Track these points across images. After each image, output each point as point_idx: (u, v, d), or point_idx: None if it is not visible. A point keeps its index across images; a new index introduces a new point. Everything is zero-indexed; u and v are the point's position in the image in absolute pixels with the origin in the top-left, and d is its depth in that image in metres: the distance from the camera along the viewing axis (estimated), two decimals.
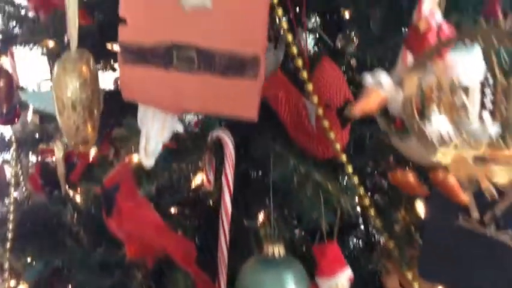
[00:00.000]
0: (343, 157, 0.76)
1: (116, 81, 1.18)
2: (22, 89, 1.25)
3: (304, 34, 0.80)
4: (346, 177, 0.71)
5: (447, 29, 0.48)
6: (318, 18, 1.04)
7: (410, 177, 0.52)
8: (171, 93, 0.63)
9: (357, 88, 0.85)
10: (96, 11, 0.87)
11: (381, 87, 0.45)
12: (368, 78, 0.46)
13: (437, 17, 0.49)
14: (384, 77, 0.45)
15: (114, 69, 1.14)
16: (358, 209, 0.78)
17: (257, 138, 0.75)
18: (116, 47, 1.05)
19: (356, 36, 0.94)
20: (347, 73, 0.98)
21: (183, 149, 0.79)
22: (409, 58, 0.56)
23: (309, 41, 1.02)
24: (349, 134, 0.80)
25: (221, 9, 0.59)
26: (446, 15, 0.49)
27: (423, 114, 0.44)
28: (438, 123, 0.43)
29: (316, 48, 1.03)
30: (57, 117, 0.79)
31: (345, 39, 1.02)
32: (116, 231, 0.77)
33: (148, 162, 0.72)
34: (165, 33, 0.61)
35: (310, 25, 1.04)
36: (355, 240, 0.95)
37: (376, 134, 0.88)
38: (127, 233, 0.75)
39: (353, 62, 1.03)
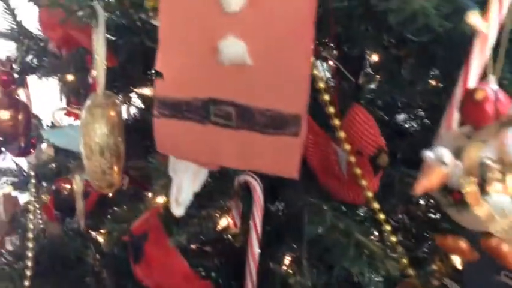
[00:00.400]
0: (375, 205, 0.75)
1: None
2: (37, 118, 1.25)
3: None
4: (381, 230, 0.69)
5: (505, 99, 0.46)
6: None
7: (463, 243, 0.51)
8: (207, 149, 0.61)
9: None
10: (120, 52, 0.86)
11: (443, 164, 0.43)
12: (429, 155, 0.45)
13: (492, 85, 0.48)
14: (446, 154, 0.44)
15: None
16: None
17: (288, 185, 0.74)
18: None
19: (381, 76, 0.93)
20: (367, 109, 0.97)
21: (210, 194, 0.78)
22: (455, 119, 0.54)
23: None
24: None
25: (261, 66, 0.57)
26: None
27: (484, 188, 0.43)
28: (500, 198, 0.42)
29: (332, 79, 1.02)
30: (84, 161, 0.78)
31: (367, 76, 1.01)
32: (143, 279, 0.75)
33: (179, 212, 0.70)
34: (202, 88, 0.60)
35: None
36: None
37: (405, 177, 0.87)
38: (155, 281, 0.74)
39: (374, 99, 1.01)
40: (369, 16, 0.82)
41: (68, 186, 1.11)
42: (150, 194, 0.85)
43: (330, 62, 0.94)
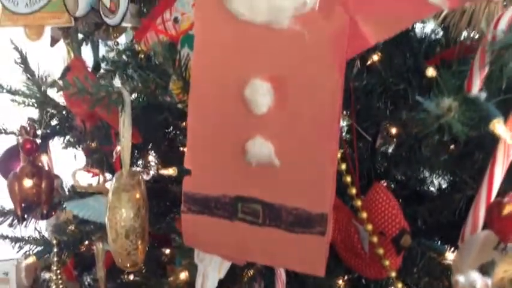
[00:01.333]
0: (399, 285, 0.75)
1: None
2: (58, 178, 1.27)
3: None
4: None
5: None
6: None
7: None
8: (234, 244, 0.62)
9: None
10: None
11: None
12: (461, 280, 0.46)
13: None
14: (477, 280, 0.44)
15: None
16: None
17: None
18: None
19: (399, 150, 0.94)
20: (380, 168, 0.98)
21: (233, 275, 0.78)
22: (480, 223, 0.55)
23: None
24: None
25: (288, 166, 0.59)
26: None
27: None
28: None
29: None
30: (110, 242, 0.79)
31: (384, 139, 1.02)
32: None
33: None
34: (230, 186, 0.61)
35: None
36: None
37: (427, 250, 0.87)
38: None
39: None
40: (387, 94, 0.85)
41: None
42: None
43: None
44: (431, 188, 1.08)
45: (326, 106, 0.56)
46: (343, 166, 0.74)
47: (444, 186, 1.06)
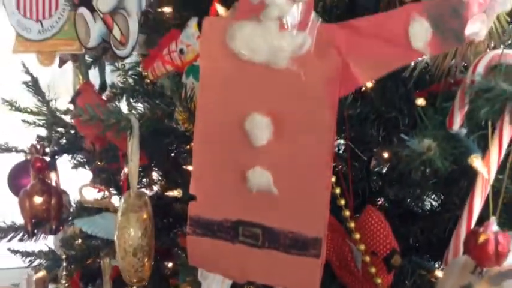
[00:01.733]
0: None
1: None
2: (65, 193, 1.32)
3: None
4: None
5: (504, 241, 0.53)
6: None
7: None
8: (236, 265, 0.67)
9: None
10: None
11: None
12: None
13: (494, 226, 0.54)
14: None
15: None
16: None
17: None
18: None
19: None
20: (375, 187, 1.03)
21: None
22: (461, 249, 0.60)
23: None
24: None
25: (285, 194, 0.64)
26: None
27: None
28: None
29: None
30: (118, 259, 0.84)
31: (377, 161, 1.07)
32: None
33: None
34: (232, 211, 0.66)
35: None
36: None
37: (417, 268, 0.92)
38: None
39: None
40: (380, 121, 0.90)
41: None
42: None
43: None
44: (424, 207, 1.12)
45: (320, 140, 0.62)
46: (338, 190, 0.80)
47: (435, 205, 1.11)
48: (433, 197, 1.07)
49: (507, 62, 0.57)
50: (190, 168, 0.68)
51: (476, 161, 0.56)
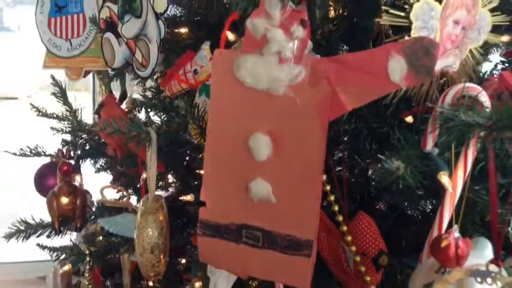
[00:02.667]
0: None
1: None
2: (88, 193, 1.43)
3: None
4: None
5: (464, 246, 0.63)
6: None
7: None
8: (239, 262, 0.78)
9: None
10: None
11: None
12: None
13: (456, 233, 0.64)
14: None
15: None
16: None
17: None
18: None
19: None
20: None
21: (239, 286, 0.94)
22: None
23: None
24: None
25: (282, 203, 0.75)
26: None
27: None
28: None
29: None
30: (137, 256, 0.95)
31: (374, 170, 1.17)
32: None
33: None
34: (236, 216, 0.77)
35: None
36: None
37: (405, 268, 1.02)
38: None
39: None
40: (372, 137, 1.00)
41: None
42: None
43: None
44: (417, 212, 1.22)
45: (312, 157, 0.72)
46: (332, 197, 0.90)
47: (428, 210, 1.20)
48: (425, 203, 1.17)
49: (469, 94, 0.67)
50: (202, 172, 0.78)
51: (443, 178, 0.66)
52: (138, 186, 1.24)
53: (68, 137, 1.40)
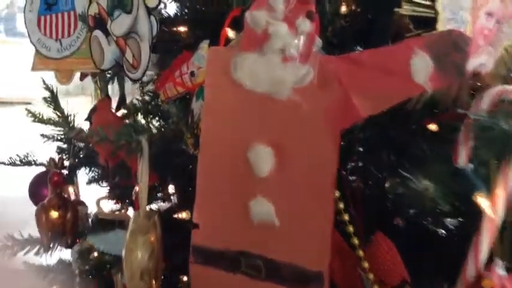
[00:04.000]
0: None
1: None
2: (84, 205, 1.34)
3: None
4: None
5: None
6: None
7: None
8: None
9: None
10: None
11: None
12: None
13: (500, 270, 0.52)
14: None
15: None
16: None
17: None
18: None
19: None
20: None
21: None
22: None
23: None
24: None
25: (287, 225, 0.63)
26: None
27: None
28: None
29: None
30: (126, 280, 0.85)
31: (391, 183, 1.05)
32: None
33: None
34: (234, 241, 0.66)
35: None
36: None
37: None
38: None
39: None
40: (388, 145, 0.88)
41: None
42: None
43: None
44: (441, 229, 1.10)
45: (322, 172, 0.61)
46: (346, 216, 0.78)
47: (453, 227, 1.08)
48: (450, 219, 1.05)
49: (509, 99, 0.55)
50: None
51: (480, 199, 0.55)
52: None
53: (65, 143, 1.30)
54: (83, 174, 1.36)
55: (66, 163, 1.25)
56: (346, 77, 0.60)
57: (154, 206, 1.16)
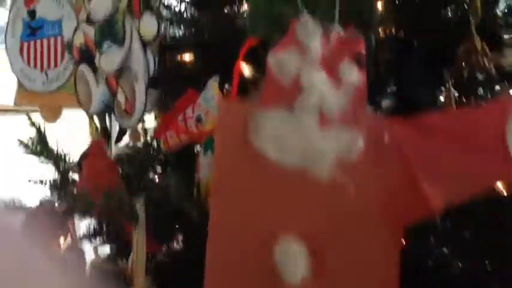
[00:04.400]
0: None
1: None
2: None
3: None
4: None
5: None
6: None
7: None
8: None
9: None
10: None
11: None
12: None
13: None
14: None
15: None
16: None
17: None
18: None
19: None
20: None
21: None
22: None
23: None
24: None
25: None
26: None
27: None
28: None
29: None
30: None
31: None
32: None
33: None
34: None
35: None
36: None
37: None
38: None
39: None
40: None
41: None
42: None
43: None
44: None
45: (379, 282, 0.44)
46: None
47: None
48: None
49: None
50: None
51: None
52: None
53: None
54: None
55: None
56: (412, 150, 0.42)
57: None
